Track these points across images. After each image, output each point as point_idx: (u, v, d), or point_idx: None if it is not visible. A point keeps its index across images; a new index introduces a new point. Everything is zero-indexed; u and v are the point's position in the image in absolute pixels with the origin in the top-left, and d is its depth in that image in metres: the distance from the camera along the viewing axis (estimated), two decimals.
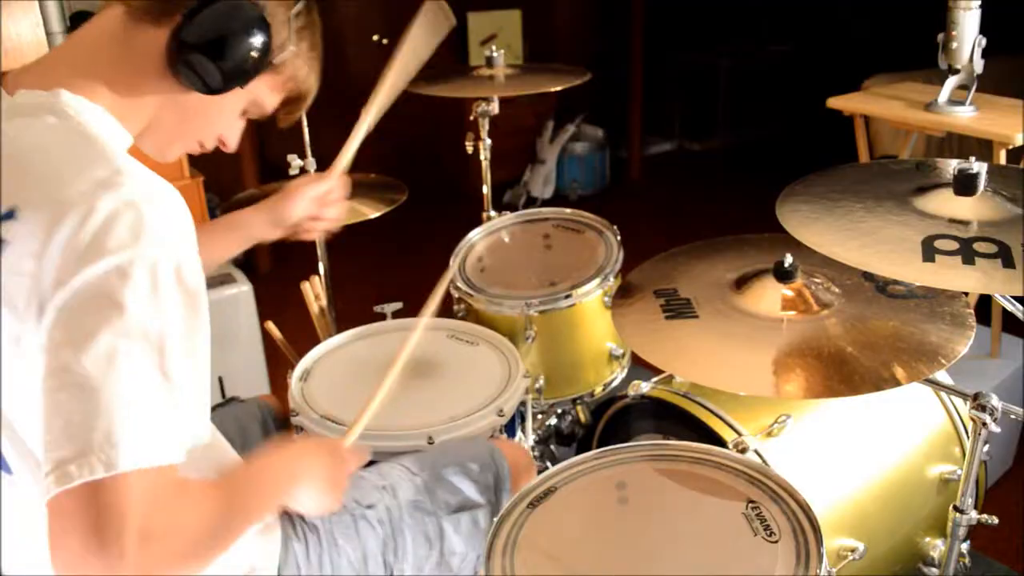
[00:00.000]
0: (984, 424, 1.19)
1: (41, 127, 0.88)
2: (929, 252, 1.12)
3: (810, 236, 1.19)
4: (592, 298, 1.85)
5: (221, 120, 1.04)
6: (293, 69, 1.04)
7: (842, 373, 1.20)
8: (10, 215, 0.83)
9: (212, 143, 1.06)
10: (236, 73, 0.94)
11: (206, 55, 0.91)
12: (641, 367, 1.63)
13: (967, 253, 1.11)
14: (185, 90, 0.95)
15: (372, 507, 1.21)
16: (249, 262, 3.79)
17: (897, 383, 1.18)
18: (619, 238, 1.95)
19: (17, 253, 0.82)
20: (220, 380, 2.48)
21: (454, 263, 1.92)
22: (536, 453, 1.74)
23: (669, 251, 1.57)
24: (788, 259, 1.34)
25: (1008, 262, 1.09)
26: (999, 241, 1.13)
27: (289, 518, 1.16)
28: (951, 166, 1.26)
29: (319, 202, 1.38)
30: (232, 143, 1.07)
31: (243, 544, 1.04)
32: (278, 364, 1.76)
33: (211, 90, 0.94)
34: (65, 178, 0.83)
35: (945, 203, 1.22)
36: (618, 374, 1.97)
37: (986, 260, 1.10)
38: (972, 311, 1.29)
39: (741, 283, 1.40)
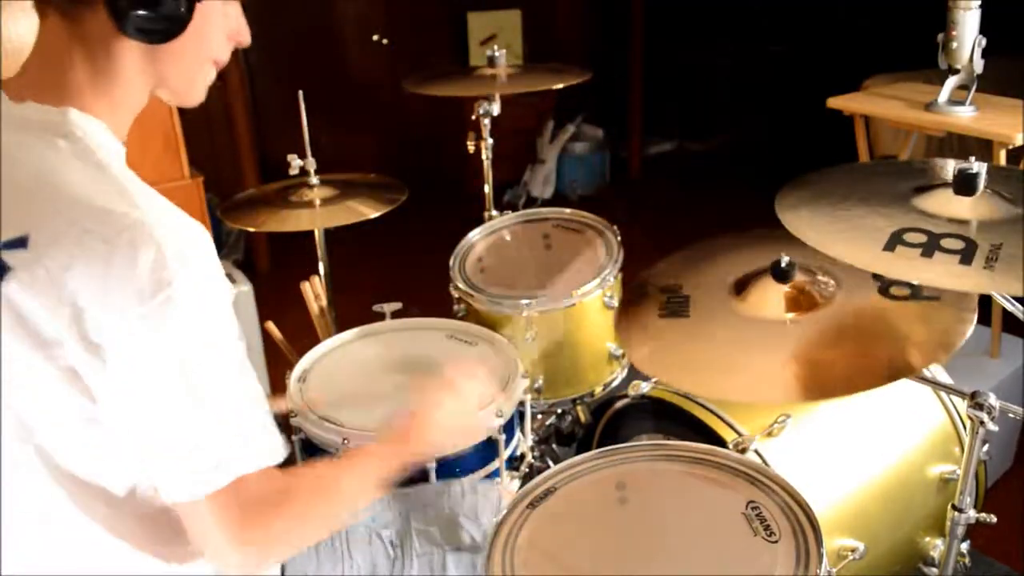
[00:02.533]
0: (982, 423, 1.19)
1: (53, 152, 0.87)
2: (930, 251, 1.12)
3: (810, 236, 1.18)
4: (592, 298, 1.86)
5: (217, 28, 0.98)
6: None
7: (837, 372, 1.20)
8: (21, 243, 0.83)
9: (226, 53, 1.01)
10: (182, 5, 0.90)
11: (143, 8, 0.87)
12: None
13: (968, 252, 1.11)
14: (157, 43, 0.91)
15: (387, 528, 1.25)
16: (249, 262, 3.79)
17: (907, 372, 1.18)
18: (619, 238, 1.95)
19: (27, 282, 0.82)
20: None
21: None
22: (536, 453, 1.74)
23: (689, 247, 1.56)
24: (784, 259, 1.33)
25: (1010, 261, 1.09)
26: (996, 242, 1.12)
27: None
28: (951, 166, 1.26)
29: None
30: (242, 35, 1.01)
31: None
32: (278, 364, 1.75)
33: (174, 31, 0.90)
34: (81, 211, 0.83)
35: (946, 203, 1.22)
36: (618, 374, 1.97)
37: (990, 261, 1.10)
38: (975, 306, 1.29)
39: (740, 287, 1.39)
